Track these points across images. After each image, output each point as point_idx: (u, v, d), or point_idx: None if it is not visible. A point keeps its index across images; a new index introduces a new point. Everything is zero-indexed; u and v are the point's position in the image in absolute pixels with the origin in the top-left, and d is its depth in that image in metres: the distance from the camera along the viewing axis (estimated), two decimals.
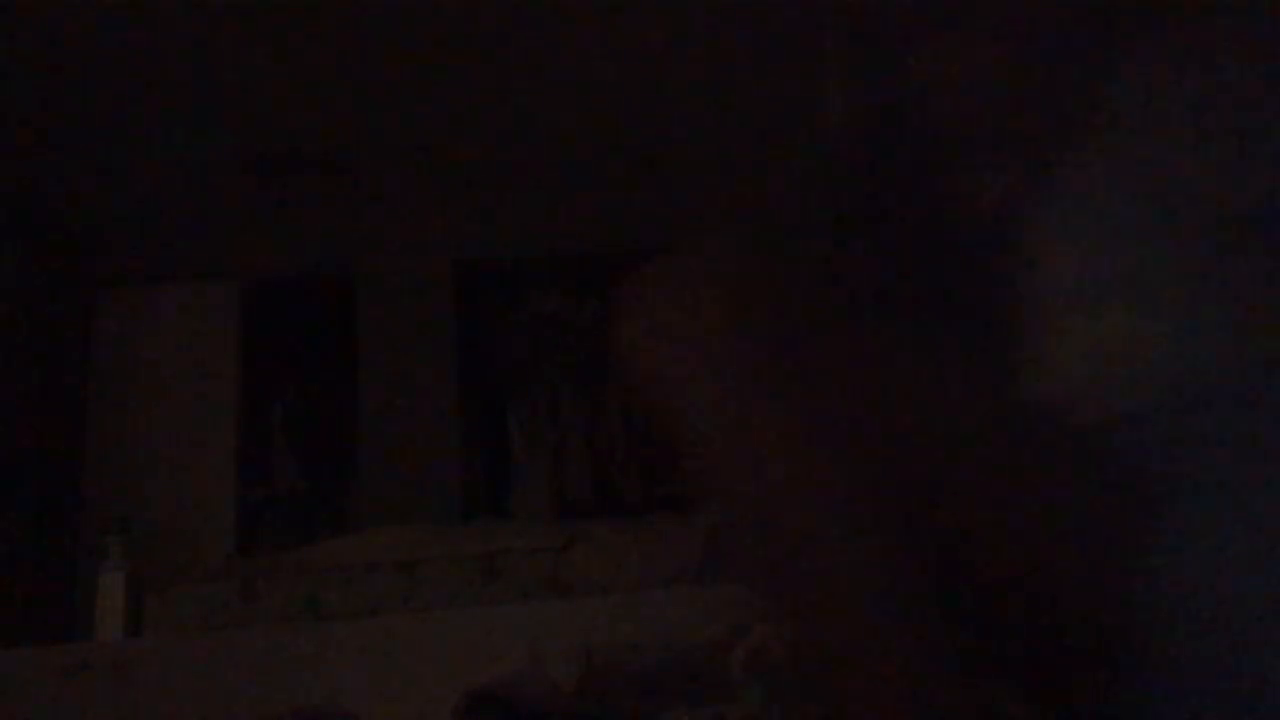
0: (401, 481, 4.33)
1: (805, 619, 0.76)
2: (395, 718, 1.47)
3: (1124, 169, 0.85)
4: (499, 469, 4.56)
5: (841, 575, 0.73)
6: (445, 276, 4.70)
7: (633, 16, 3.41)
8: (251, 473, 4.42)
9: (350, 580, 2.12)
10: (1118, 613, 0.73)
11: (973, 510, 0.77)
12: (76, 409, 4.28)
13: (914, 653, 0.71)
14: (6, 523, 3.72)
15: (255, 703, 1.51)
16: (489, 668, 1.52)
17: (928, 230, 0.97)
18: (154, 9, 3.25)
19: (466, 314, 4.67)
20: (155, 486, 4.20)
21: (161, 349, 4.43)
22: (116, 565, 2.14)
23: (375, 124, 4.00)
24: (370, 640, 1.56)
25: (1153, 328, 0.80)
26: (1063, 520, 0.76)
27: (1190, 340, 0.80)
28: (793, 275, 0.84)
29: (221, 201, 4.45)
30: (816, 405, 0.76)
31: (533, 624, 1.58)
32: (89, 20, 3.28)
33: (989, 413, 0.81)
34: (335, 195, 4.51)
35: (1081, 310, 0.84)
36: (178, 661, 1.56)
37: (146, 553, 4.07)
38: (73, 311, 4.38)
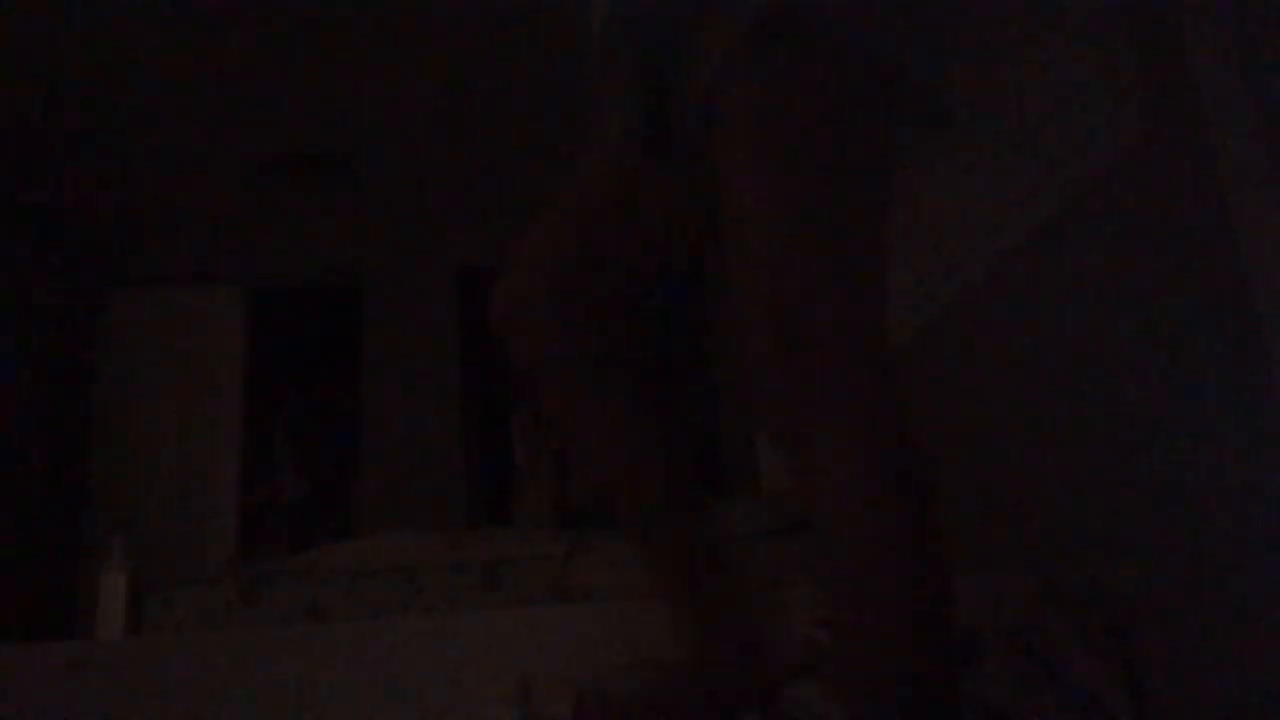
0: (404, 487, 4.33)
1: None
2: None
3: None
4: (501, 476, 4.56)
5: None
6: (449, 283, 4.70)
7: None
8: (254, 476, 4.42)
9: (352, 585, 2.12)
10: None
11: None
12: (81, 409, 4.29)
13: None
14: (10, 521, 3.72)
15: (254, 704, 1.52)
16: (488, 674, 1.52)
17: None
18: (165, 10, 3.27)
19: (470, 321, 4.67)
20: (158, 488, 4.20)
21: (167, 351, 4.44)
22: (118, 565, 2.14)
23: (382, 129, 4.01)
24: (371, 644, 1.56)
25: None
26: None
27: None
28: None
29: (229, 205, 4.46)
30: None
31: (534, 631, 1.58)
32: (97, 20, 3.30)
33: None
34: (341, 201, 4.52)
35: None
36: (177, 662, 1.56)
37: (148, 554, 4.09)
38: (79, 313, 4.39)
